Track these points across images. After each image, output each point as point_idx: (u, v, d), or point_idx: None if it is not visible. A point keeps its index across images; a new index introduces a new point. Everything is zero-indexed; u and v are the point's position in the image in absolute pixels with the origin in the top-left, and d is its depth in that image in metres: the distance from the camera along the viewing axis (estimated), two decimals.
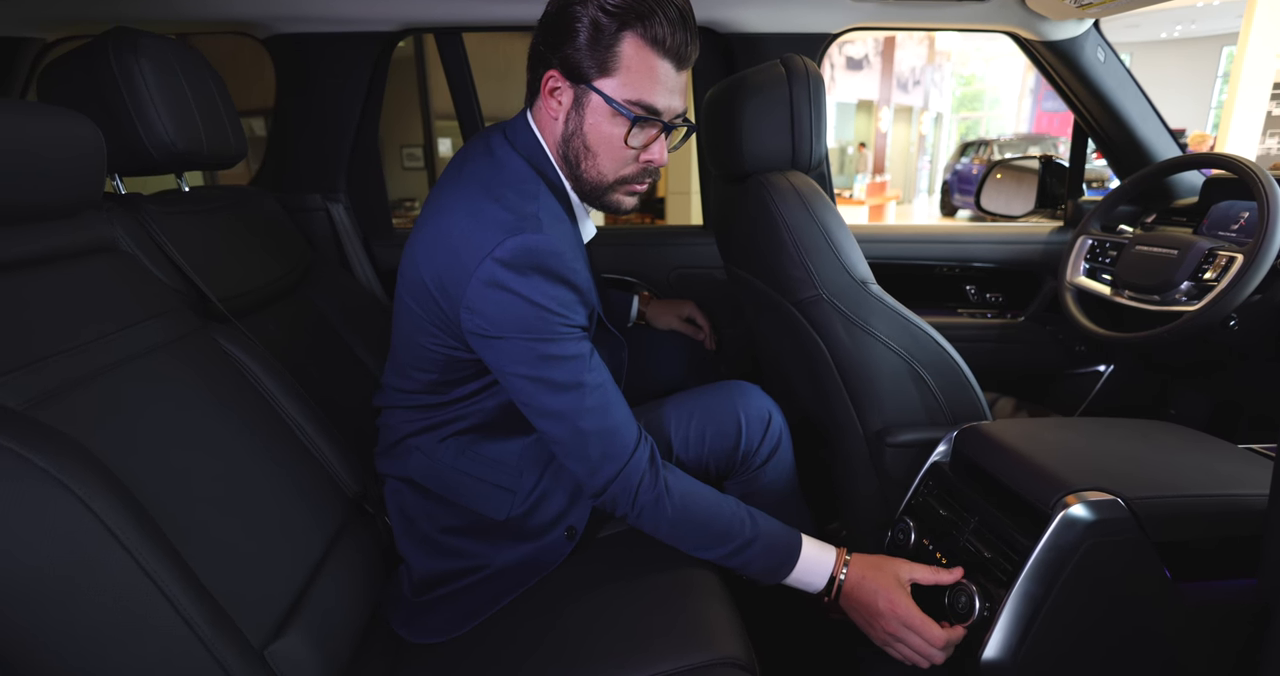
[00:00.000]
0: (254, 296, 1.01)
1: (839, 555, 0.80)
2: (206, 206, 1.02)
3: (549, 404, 0.73)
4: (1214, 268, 1.06)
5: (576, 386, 0.73)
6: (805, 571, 0.79)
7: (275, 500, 0.74)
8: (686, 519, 0.77)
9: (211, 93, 0.99)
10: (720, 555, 0.78)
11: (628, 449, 0.75)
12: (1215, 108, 10.06)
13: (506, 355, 0.73)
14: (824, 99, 0.94)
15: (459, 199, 0.75)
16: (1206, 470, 0.74)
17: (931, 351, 0.92)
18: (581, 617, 0.76)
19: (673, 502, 0.76)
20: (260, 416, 0.81)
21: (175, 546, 0.55)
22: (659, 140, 0.78)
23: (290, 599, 0.67)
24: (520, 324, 0.71)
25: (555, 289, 0.71)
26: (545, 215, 0.73)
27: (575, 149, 0.77)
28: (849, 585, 0.79)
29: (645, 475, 0.76)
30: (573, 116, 0.76)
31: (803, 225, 0.91)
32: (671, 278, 1.59)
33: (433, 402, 0.85)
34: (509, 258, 0.69)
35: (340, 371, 1.12)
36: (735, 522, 0.78)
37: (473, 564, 0.83)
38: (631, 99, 0.73)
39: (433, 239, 0.76)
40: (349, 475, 0.89)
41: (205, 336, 0.82)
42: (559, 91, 0.76)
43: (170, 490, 0.61)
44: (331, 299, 1.20)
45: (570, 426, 0.74)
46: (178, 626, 0.52)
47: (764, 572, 0.80)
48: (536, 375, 0.72)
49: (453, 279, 0.73)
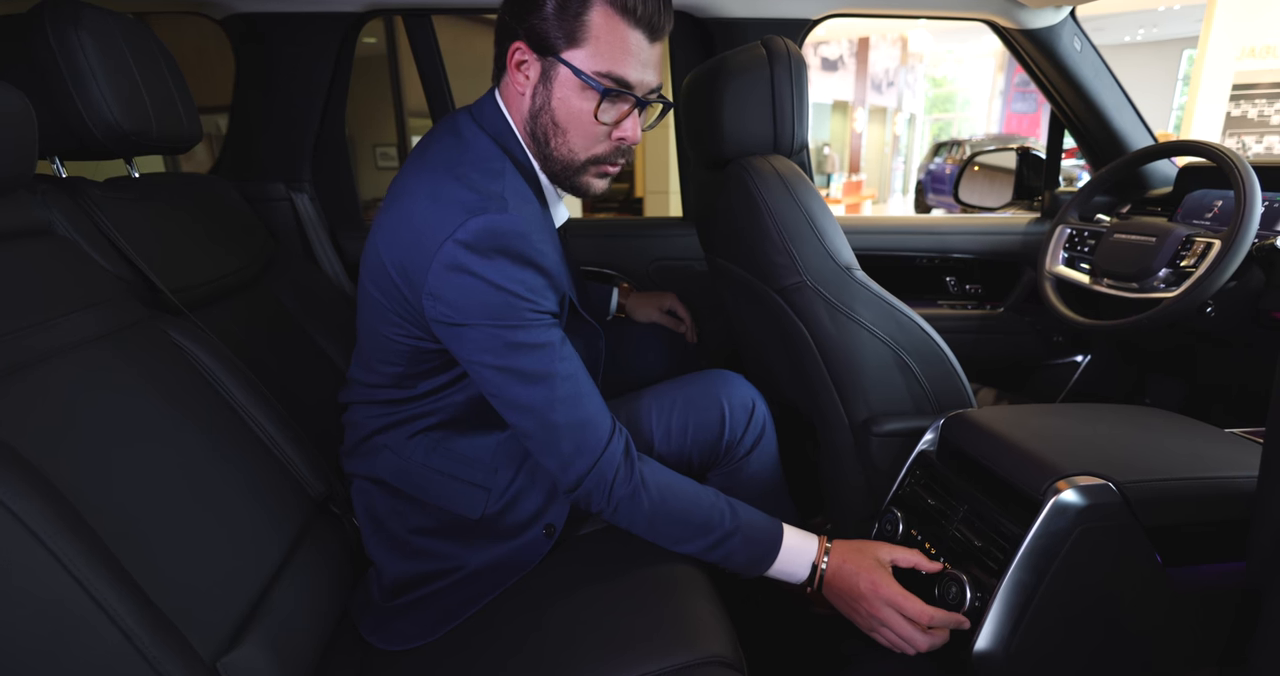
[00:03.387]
0: (210, 288, 0.95)
1: (820, 543, 0.78)
2: (158, 193, 0.96)
3: (518, 395, 0.70)
4: (1191, 254, 1.06)
5: (547, 376, 0.69)
6: (788, 561, 0.77)
7: (229, 502, 0.69)
8: (665, 512, 0.74)
9: (161, 70, 0.93)
10: (701, 548, 0.75)
11: (602, 441, 0.72)
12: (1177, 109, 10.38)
13: (472, 344, 0.69)
14: (806, 81, 0.92)
15: (422, 181, 0.71)
16: (1195, 453, 0.73)
17: (917, 338, 0.91)
18: (562, 619, 0.72)
19: (650, 496, 0.73)
20: (214, 413, 0.76)
21: (113, 552, 0.50)
22: (632, 116, 0.74)
23: (246, 607, 0.63)
24: (485, 310, 0.67)
25: (521, 272, 0.68)
26: (511, 195, 0.70)
27: (544, 125, 0.73)
28: (831, 571, 0.77)
29: (620, 469, 0.72)
30: (540, 91, 0.72)
31: (786, 210, 0.89)
32: (651, 270, 1.56)
33: (400, 397, 0.80)
34: (471, 239, 0.65)
35: (304, 367, 1.06)
36: (715, 514, 0.75)
37: (446, 566, 0.79)
38: (601, 71, 0.69)
39: (394, 223, 0.72)
40: (313, 475, 0.84)
41: (154, 328, 0.76)
42: (526, 65, 0.72)
43: (108, 491, 0.56)
44: (295, 292, 1.15)
45: (541, 419, 0.70)
46: (113, 637, 0.48)
47: (747, 564, 0.77)
48: (504, 365, 0.69)
49: (414, 264, 0.69)
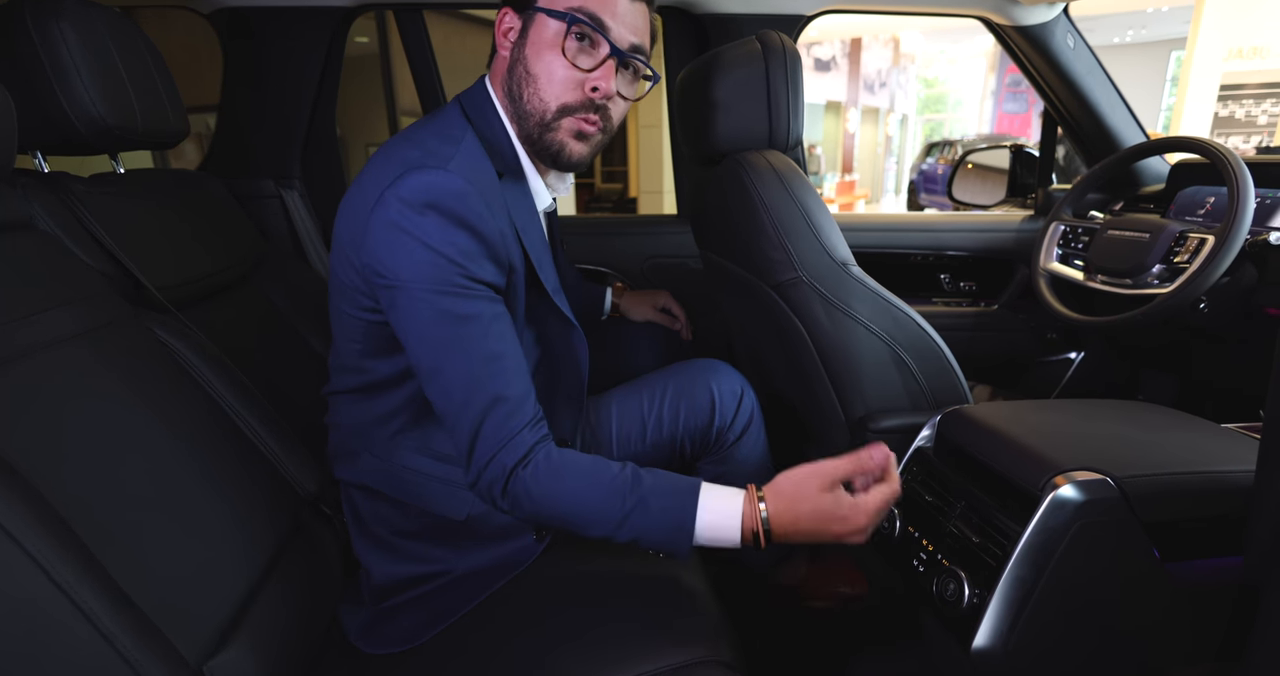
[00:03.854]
0: (197, 286, 0.93)
1: (748, 490, 0.67)
2: (144, 189, 0.95)
3: (435, 366, 0.66)
4: (1185, 250, 1.07)
5: (465, 352, 0.65)
6: (712, 511, 0.65)
7: (215, 502, 0.67)
8: (554, 500, 0.66)
9: (147, 64, 0.92)
10: (617, 520, 0.65)
11: (513, 430, 0.66)
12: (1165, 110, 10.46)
13: (402, 309, 0.66)
14: (801, 76, 0.92)
15: (380, 150, 0.71)
16: (1192, 448, 0.73)
17: (913, 334, 0.90)
18: (555, 620, 0.71)
19: (541, 482, 0.66)
20: (201, 412, 0.74)
21: (92, 552, 0.49)
22: (607, 66, 0.70)
23: (233, 609, 0.62)
24: (414, 270, 0.64)
25: (454, 233, 0.65)
26: (461, 158, 0.68)
27: (518, 78, 0.72)
28: (776, 509, 0.65)
29: (523, 459, 0.65)
30: (518, 45, 0.72)
31: (781, 205, 0.88)
32: (645, 268, 1.56)
33: (365, 384, 0.78)
34: (407, 194, 0.64)
35: (294, 366, 1.05)
36: (621, 480, 0.66)
37: (434, 569, 0.78)
38: (574, 5, 0.68)
39: (351, 192, 0.71)
40: (302, 474, 0.83)
41: (138, 325, 0.75)
42: (510, 29, 0.72)
43: (88, 489, 0.54)
44: (285, 290, 1.13)
45: (456, 397, 0.65)
46: (93, 639, 0.46)
47: (666, 531, 0.66)
48: (427, 333, 0.65)
49: (358, 222, 0.67)
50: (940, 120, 17.55)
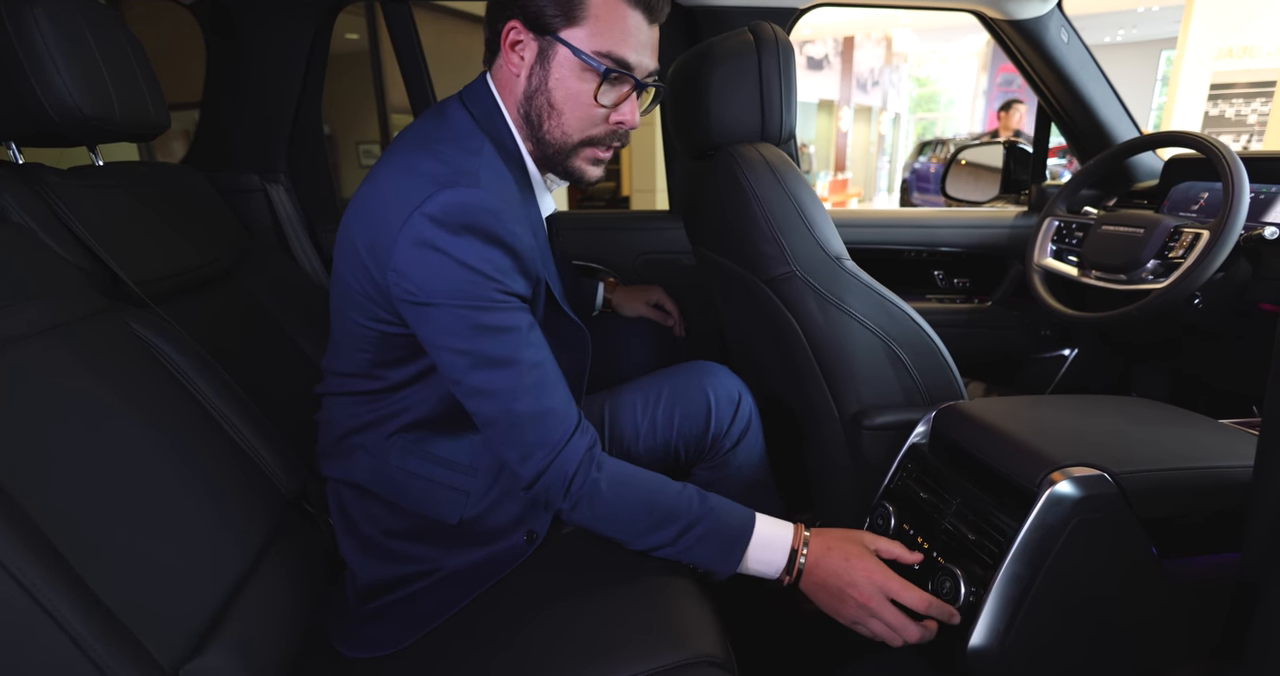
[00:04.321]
0: (178, 281, 0.91)
1: (798, 530, 0.73)
2: (123, 182, 0.93)
3: (482, 381, 0.67)
4: (1180, 245, 1.06)
5: (513, 362, 0.66)
6: (762, 547, 0.71)
7: (193, 501, 0.65)
8: (626, 502, 0.70)
9: (126, 54, 0.89)
10: (668, 539, 0.71)
11: (565, 434, 0.69)
12: (1156, 109, 10.53)
13: (437, 325, 0.66)
14: (794, 68, 0.90)
15: (395, 157, 0.69)
16: (1189, 443, 0.72)
17: (908, 330, 0.89)
18: (546, 621, 0.70)
19: (609, 488, 0.69)
20: (180, 409, 0.72)
21: (62, 553, 0.47)
22: (630, 99, 0.72)
23: (212, 611, 0.60)
24: (451, 289, 0.64)
25: (490, 251, 0.65)
26: (486, 172, 0.67)
27: (539, 107, 0.71)
28: (812, 560, 0.71)
29: (581, 464, 0.69)
30: (537, 72, 0.70)
31: (775, 198, 0.87)
32: (638, 263, 1.54)
33: (372, 389, 0.77)
34: (439, 214, 0.63)
35: (278, 362, 1.03)
36: (681, 501, 0.71)
37: (421, 568, 0.76)
38: (601, 51, 0.67)
39: (364, 198, 0.69)
40: (286, 473, 0.81)
41: (115, 320, 0.73)
42: (521, 45, 0.70)
43: (59, 489, 0.53)
44: (269, 286, 1.11)
45: (503, 406, 0.67)
46: (61, 644, 0.44)
47: (718, 555, 0.71)
48: (468, 348, 0.66)
49: (381, 238, 0.66)
50: (932, 119, 17.62)
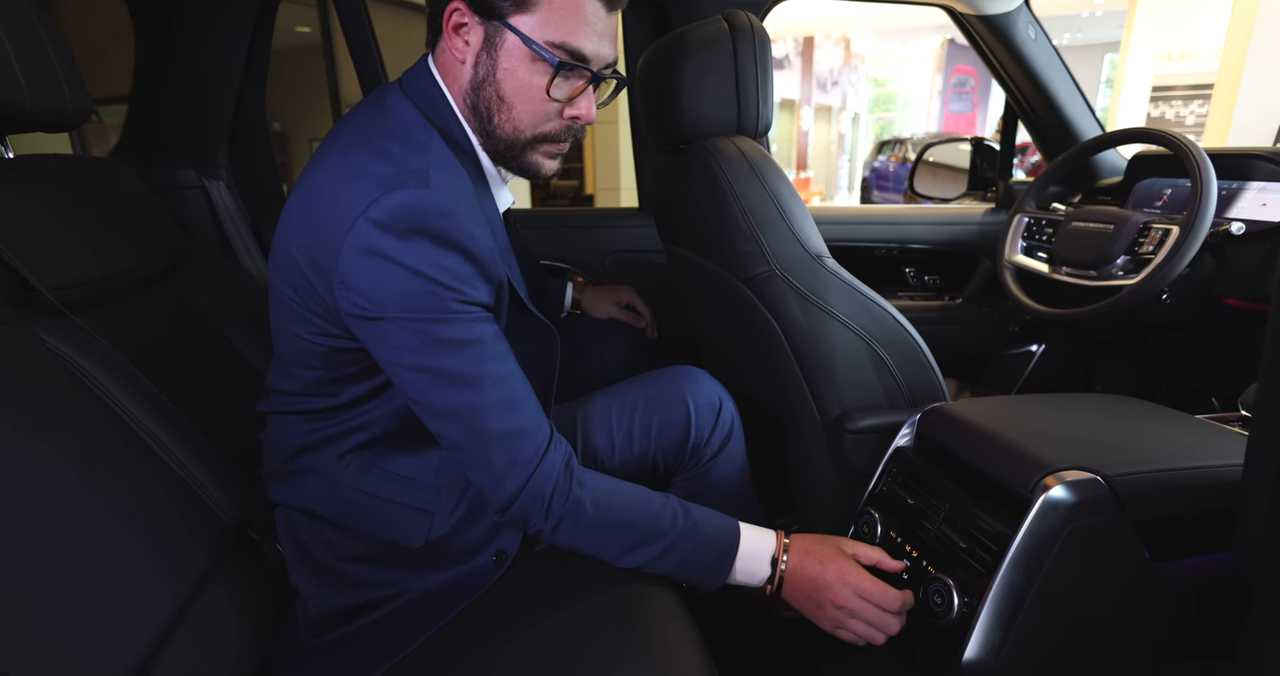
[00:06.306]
0: (100, 286, 0.82)
1: (778, 537, 0.71)
2: (35, 177, 0.83)
3: (444, 400, 0.61)
4: (1149, 241, 1.07)
5: (477, 379, 0.61)
6: (747, 558, 0.70)
7: (117, 534, 0.58)
8: (610, 520, 0.66)
9: (36, 32, 0.80)
10: (653, 556, 0.68)
11: (538, 452, 0.64)
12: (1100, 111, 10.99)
13: (391, 341, 0.60)
14: (770, 58, 0.87)
15: (333, 156, 0.62)
16: (1176, 443, 0.71)
17: (891, 330, 0.87)
18: (519, 651, 0.64)
19: (591, 507, 0.65)
20: (99, 429, 0.64)
21: None
22: (586, 93, 0.66)
23: (140, 654, 0.53)
24: (404, 300, 0.58)
25: (445, 256, 0.59)
26: (436, 169, 0.61)
27: (487, 99, 0.65)
28: (792, 567, 0.70)
29: (559, 482, 0.64)
30: (484, 60, 0.64)
31: (753, 195, 0.83)
32: (607, 263, 1.49)
33: (323, 407, 0.71)
34: (386, 218, 0.57)
35: (218, 374, 0.94)
36: (666, 515, 0.68)
37: (382, 594, 0.70)
38: (555, 41, 0.62)
39: (301, 204, 0.62)
40: (226, 497, 0.73)
41: (22, 330, 0.64)
42: (465, 28, 0.64)
43: None
44: (208, 290, 1.02)
45: (470, 427, 0.62)
46: None
47: (706, 570, 0.69)
48: (427, 365, 0.60)
49: (323, 248, 0.59)
50: (890, 119, 18.00)
